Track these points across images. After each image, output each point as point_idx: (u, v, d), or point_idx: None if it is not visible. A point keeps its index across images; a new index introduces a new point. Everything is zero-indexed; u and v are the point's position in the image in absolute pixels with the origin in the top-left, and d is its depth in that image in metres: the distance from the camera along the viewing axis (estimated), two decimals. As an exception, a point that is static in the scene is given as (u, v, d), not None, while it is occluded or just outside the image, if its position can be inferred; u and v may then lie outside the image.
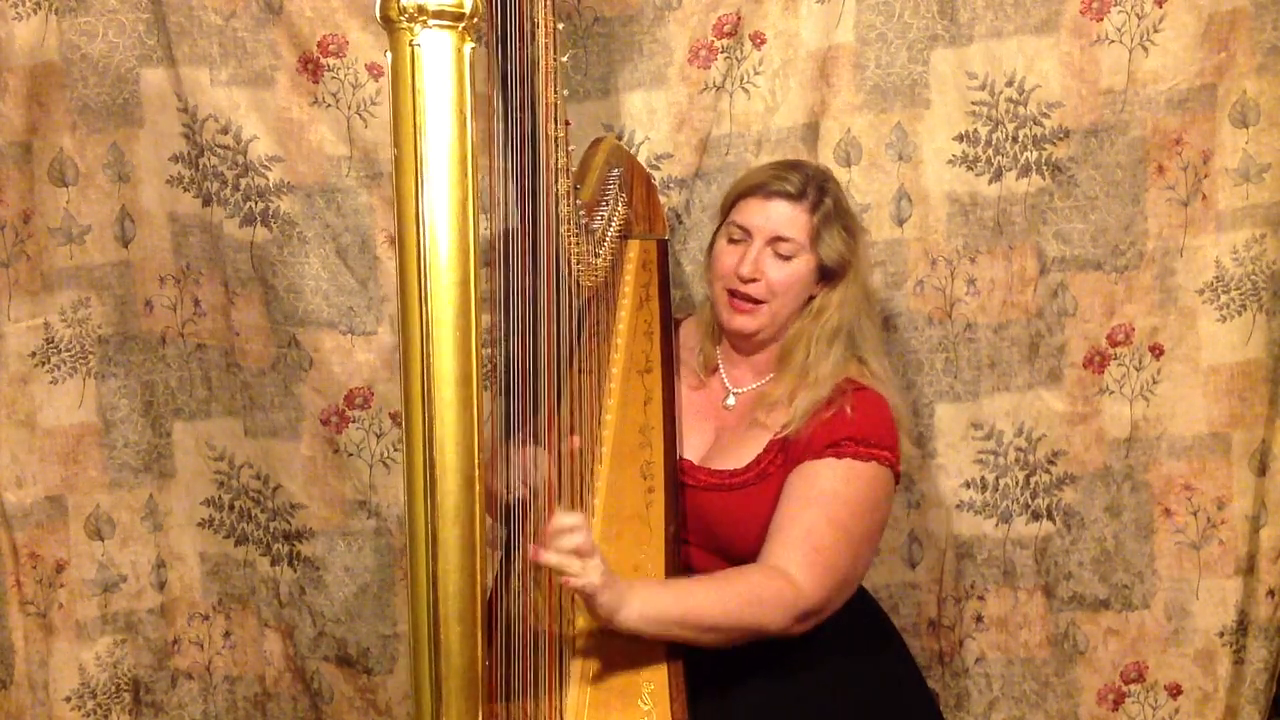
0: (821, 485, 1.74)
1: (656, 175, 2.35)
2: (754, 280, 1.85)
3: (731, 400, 1.95)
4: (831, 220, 1.85)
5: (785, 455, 1.79)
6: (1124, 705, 2.45)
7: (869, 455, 1.76)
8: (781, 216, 1.85)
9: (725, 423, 1.93)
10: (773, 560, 1.69)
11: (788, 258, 1.85)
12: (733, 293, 1.88)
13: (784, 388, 1.85)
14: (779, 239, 1.85)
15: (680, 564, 1.76)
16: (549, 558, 1.48)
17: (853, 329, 1.87)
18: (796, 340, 1.87)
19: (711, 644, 1.64)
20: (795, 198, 1.85)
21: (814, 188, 1.86)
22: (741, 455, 1.84)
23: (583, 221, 1.80)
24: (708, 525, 1.81)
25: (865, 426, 1.78)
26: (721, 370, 1.98)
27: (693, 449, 1.90)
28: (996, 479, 2.42)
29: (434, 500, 1.10)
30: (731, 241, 1.89)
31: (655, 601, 1.59)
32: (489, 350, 1.35)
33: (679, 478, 1.85)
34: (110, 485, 2.51)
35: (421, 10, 1.08)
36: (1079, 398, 2.37)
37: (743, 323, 1.89)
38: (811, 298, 1.89)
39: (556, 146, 1.58)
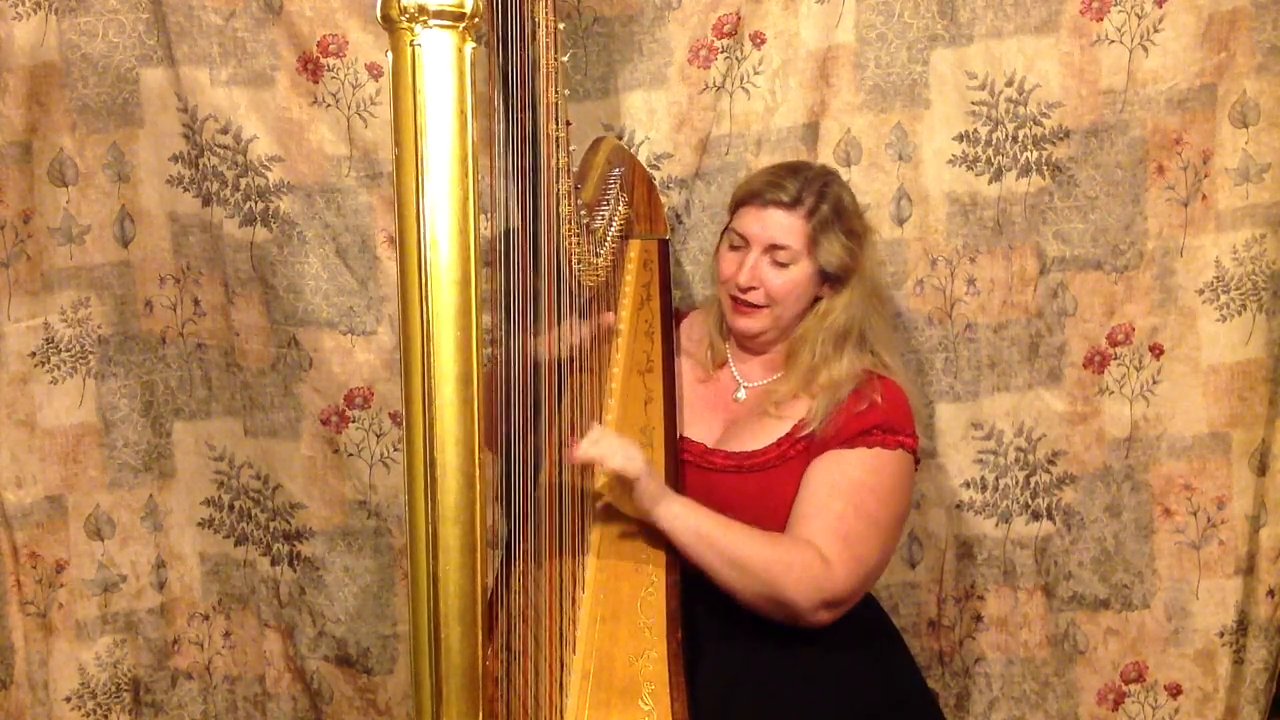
0: (850, 475, 1.77)
1: (656, 175, 2.35)
2: (752, 288, 1.89)
3: (742, 394, 1.96)
4: (829, 225, 1.86)
5: (809, 444, 1.81)
6: (1124, 705, 2.45)
7: (896, 443, 1.79)
8: (777, 225, 1.87)
9: (736, 414, 1.94)
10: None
11: (785, 265, 1.87)
12: (735, 298, 1.91)
13: (791, 386, 1.88)
14: (775, 247, 1.87)
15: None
16: (588, 450, 1.63)
17: (863, 328, 1.90)
18: (802, 341, 1.90)
19: (729, 583, 1.68)
20: (790, 206, 1.86)
21: (812, 193, 1.87)
22: (758, 439, 1.86)
23: (584, 221, 1.81)
24: (723, 508, 1.81)
25: (891, 414, 1.82)
26: (731, 365, 2.00)
27: (702, 437, 1.91)
28: (996, 479, 2.42)
29: (434, 499, 1.11)
30: (732, 248, 1.93)
31: (698, 512, 1.71)
32: (489, 349, 1.35)
33: (682, 463, 1.86)
34: (110, 485, 2.51)
35: (422, 10, 1.08)
36: (1079, 398, 2.37)
37: (747, 324, 1.92)
38: (819, 298, 1.91)
39: (557, 146, 1.59)
